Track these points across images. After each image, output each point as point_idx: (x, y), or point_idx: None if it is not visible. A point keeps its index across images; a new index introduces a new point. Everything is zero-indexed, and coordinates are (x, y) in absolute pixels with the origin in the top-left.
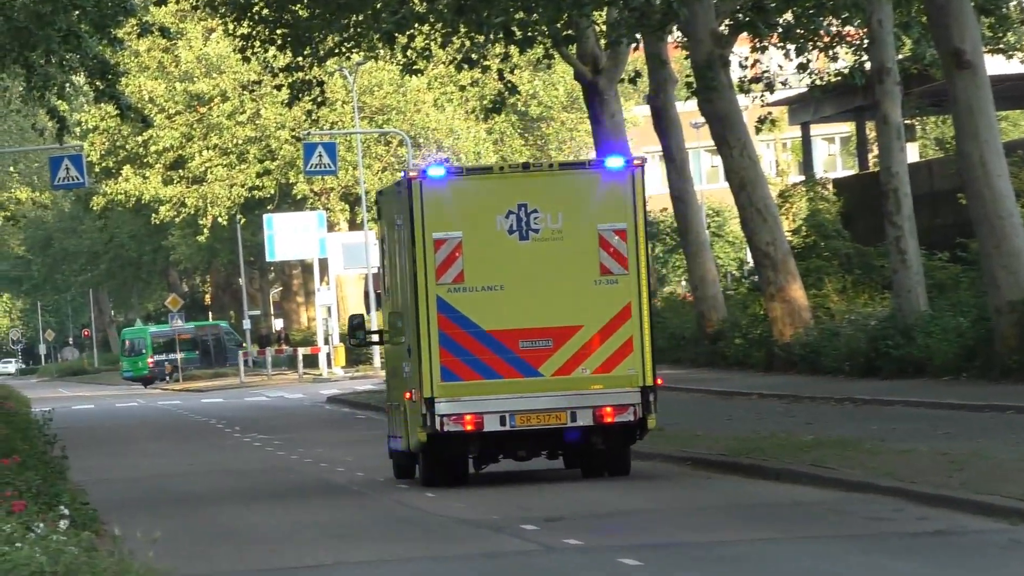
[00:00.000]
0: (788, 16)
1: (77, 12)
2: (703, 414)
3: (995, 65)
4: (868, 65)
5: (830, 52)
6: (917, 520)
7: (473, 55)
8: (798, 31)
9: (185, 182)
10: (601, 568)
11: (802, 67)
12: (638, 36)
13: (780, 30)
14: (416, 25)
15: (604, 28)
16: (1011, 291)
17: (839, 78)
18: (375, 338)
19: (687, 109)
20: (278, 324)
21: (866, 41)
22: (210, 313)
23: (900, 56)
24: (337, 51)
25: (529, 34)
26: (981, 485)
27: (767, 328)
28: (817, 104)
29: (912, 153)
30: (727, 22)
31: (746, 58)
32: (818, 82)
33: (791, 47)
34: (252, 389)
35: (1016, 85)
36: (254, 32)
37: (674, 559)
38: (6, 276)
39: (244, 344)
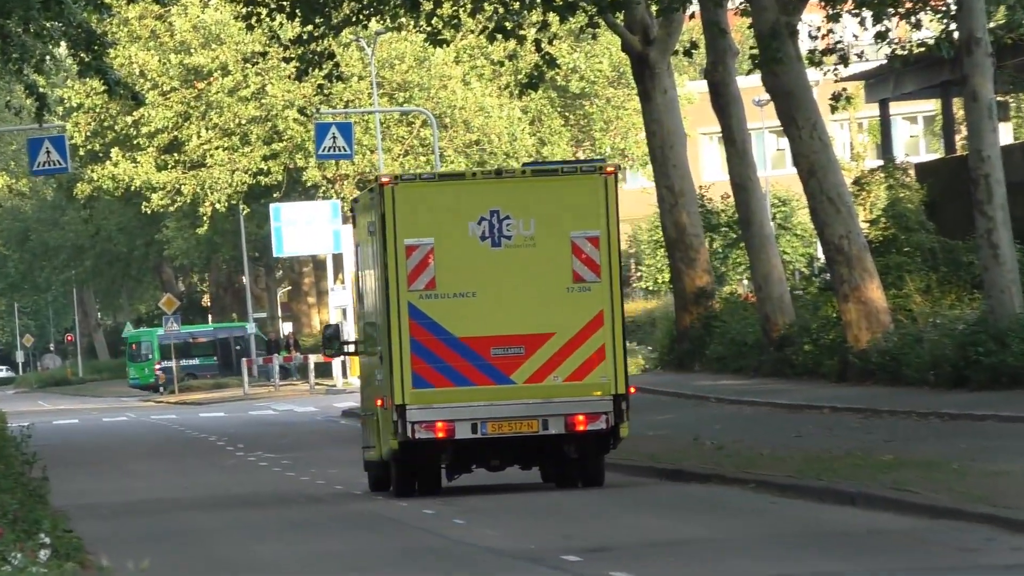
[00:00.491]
0: None
1: None
2: (768, 430)
3: None
4: (956, 34)
5: (912, 19)
6: (1012, 551)
7: (507, 24)
8: None
9: (181, 167)
10: None
11: (880, 36)
12: (693, 1)
13: None
14: None
15: None
16: None
17: (923, 49)
18: (350, 349)
19: (750, 84)
20: (287, 328)
21: (953, 7)
22: (209, 316)
23: (992, 24)
24: (353, 19)
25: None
26: None
27: (840, 333)
28: (897, 79)
29: (1006, 134)
30: None
31: (817, 27)
32: (899, 53)
33: (868, 14)
34: (257, 401)
35: None
36: None
37: None
38: None
39: (288, 350)
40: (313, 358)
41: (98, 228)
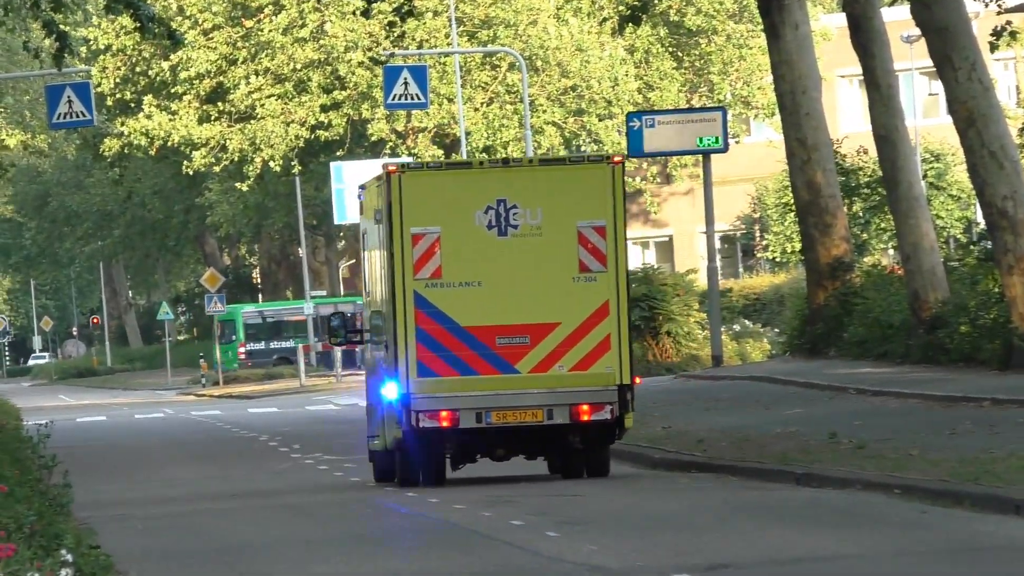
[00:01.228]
0: None
1: None
2: (918, 427)
3: None
4: None
5: None
6: None
7: None
8: None
9: (226, 119)
10: None
11: None
12: None
13: None
14: None
15: None
16: None
17: None
18: (356, 338)
19: (897, 18)
20: (350, 308)
21: None
22: (260, 294)
23: None
24: None
25: None
26: None
27: (1004, 311)
28: None
29: None
30: None
31: None
32: None
33: None
34: (316, 394)
35: None
36: None
37: None
38: None
39: None
40: None
41: (130, 192)
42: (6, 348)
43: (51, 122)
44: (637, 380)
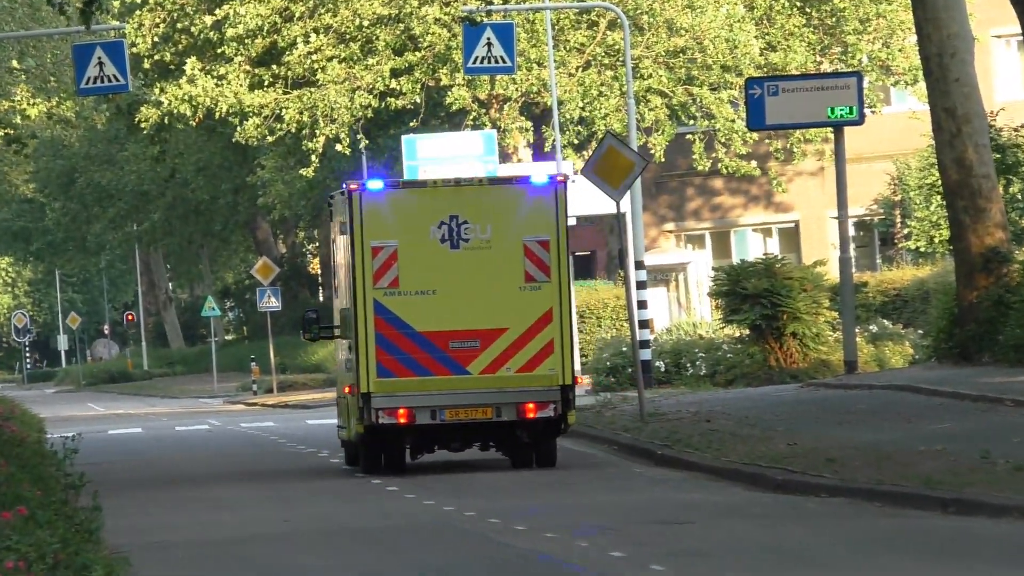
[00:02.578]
0: None
1: None
2: None
3: None
4: None
5: None
6: None
7: None
8: None
9: (282, 84)
10: None
11: None
12: None
13: None
14: None
15: None
16: None
17: None
18: (328, 334)
19: None
20: None
21: None
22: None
23: None
24: None
25: None
26: None
27: None
28: None
29: None
30: None
31: None
32: None
33: None
34: None
35: None
36: None
37: None
38: (7, 229)
39: None
40: None
41: (172, 169)
42: (26, 348)
43: (79, 87)
44: (580, 380)
